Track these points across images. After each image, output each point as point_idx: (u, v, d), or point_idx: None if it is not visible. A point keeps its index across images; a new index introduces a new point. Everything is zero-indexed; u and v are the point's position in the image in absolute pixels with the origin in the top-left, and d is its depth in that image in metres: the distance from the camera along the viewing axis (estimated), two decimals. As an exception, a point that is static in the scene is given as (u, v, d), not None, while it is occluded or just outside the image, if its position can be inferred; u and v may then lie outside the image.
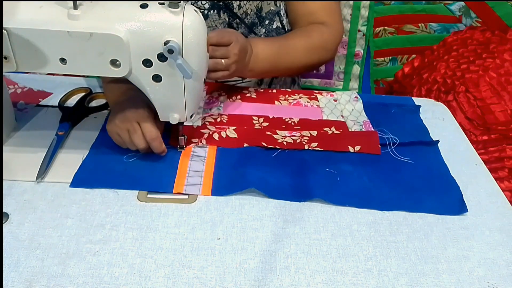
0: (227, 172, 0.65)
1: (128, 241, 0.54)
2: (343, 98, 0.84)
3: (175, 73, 0.58)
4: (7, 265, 0.51)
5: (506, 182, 1.11)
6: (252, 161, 0.66)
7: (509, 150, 1.12)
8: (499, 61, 1.20)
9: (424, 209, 0.61)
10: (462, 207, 0.62)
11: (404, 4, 1.43)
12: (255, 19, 0.90)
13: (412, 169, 0.68)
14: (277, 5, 0.90)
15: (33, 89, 0.81)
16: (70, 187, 0.61)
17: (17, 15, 0.54)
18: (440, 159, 0.71)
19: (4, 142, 0.67)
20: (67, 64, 0.56)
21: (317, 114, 0.80)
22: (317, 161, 0.68)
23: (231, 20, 0.90)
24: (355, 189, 0.63)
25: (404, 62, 1.50)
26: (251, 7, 0.89)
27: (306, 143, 0.71)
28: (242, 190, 0.62)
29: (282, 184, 0.63)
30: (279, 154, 0.69)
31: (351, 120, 0.78)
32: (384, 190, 0.64)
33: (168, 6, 0.55)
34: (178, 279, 0.51)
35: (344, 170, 0.66)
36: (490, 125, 1.14)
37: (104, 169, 0.63)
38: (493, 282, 0.53)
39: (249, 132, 0.72)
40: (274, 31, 0.92)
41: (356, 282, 0.52)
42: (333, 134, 0.74)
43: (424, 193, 0.64)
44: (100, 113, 0.76)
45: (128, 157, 0.66)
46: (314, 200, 0.61)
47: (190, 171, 0.64)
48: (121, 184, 0.61)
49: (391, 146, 0.72)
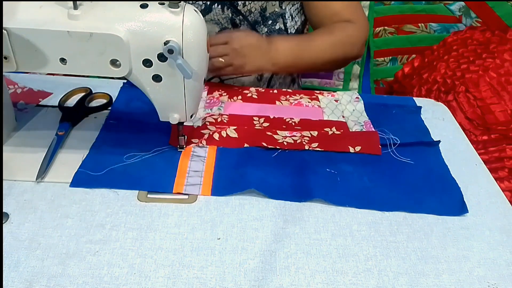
0: (227, 172, 0.65)
1: (128, 241, 0.54)
2: (344, 98, 0.84)
3: (175, 73, 0.58)
4: (7, 265, 0.51)
5: (506, 182, 1.11)
6: (252, 161, 0.66)
7: (509, 150, 1.12)
8: (499, 61, 1.20)
9: (424, 210, 0.61)
10: (462, 208, 0.62)
11: (404, 4, 1.43)
12: (259, 18, 0.90)
13: (412, 169, 0.68)
14: (282, 7, 0.90)
15: (33, 89, 0.81)
16: (70, 187, 0.61)
17: (17, 15, 0.54)
18: (440, 160, 0.70)
19: (4, 142, 0.67)
20: (67, 64, 0.56)
21: (318, 114, 0.80)
22: (317, 161, 0.68)
23: (234, 16, 0.90)
24: (356, 190, 0.63)
25: (404, 62, 1.51)
26: (256, 6, 0.89)
27: (306, 143, 0.71)
28: (242, 191, 0.62)
29: (282, 184, 0.63)
30: (279, 154, 0.69)
31: (352, 120, 0.78)
32: (384, 191, 0.64)
33: (168, 6, 0.55)
34: (178, 279, 0.51)
35: (345, 171, 0.66)
36: (490, 125, 1.14)
37: (104, 169, 0.63)
38: (493, 282, 0.53)
39: (250, 132, 0.72)
40: (276, 31, 0.92)
41: (356, 282, 0.52)
42: (333, 135, 0.74)
43: (424, 193, 0.64)
44: (100, 113, 0.76)
45: (128, 157, 0.66)
46: (314, 200, 0.61)
47: (190, 171, 0.64)
48: (121, 184, 0.61)
49: (392, 147, 0.71)
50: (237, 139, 0.71)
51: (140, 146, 0.67)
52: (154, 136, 0.69)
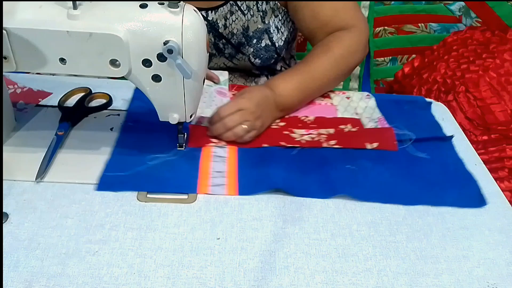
0: (250, 172, 0.65)
1: (128, 241, 0.54)
2: (356, 96, 0.84)
3: (175, 73, 0.58)
4: (7, 265, 0.51)
5: (506, 182, 1.11)
6: (274, 160, 0.67)
7: (509, 150, 1.12)
8: (499, 61, 1.20)
9: (445, 203, 0.62)
10: (481, 200, 0.63)
11: (404, 4, 1.43)
12: (242, 39, 0.88)
13: (429, 164, 0.69)
14: (265, 22, 0.87)
15: (32, 89, 0.81)
16: (97, 190, 0.60)
17: (17, 15, 0.54)
18: (455, 154, 0.72)
19: (4, 142, 0.67)
20: (66, 64, 0.56)
21: (332, 112, 0.80)
22: (336, 158, 0.69)
23: (217, 41, 0.88)
24: (378, 185, 0.64)
25: (404, 62, 1.50)
26: (237, 27, 0.87)
27: (324, 141, 0.71)
28: (268, 190, 0.62)
29: (306, 182, 0.64)
30: (298, 152, 0.69)
31: (366, 117, 0.79)
32: (405, 185, 0.65)
33: (168, 6, 0.55)
34: (178, 279, 0.51)
35: (364, 167, 0.67)
36: (490, 125, 1.14)
37: (129, 172, 0.63)
38: (492, 282, 0.53)
39: (267, 132, 0.73)
40: (263, 49, 0.89)
41: (356, 282, 0.52)
42: (350, 132, 0.75)
43: (443, 187, 0.65)
44: (100, 113, 0.76)
45: (150, 159, 0.65)
46: (314, 200, 0.61)
47: (213, 172, 0.65)
48: (146, 187, 0.61)
49: (407, 142, 0.72)
50: (255, 139, 0.71)
51: (160, 147, 0.68)
52: (173, 137, 0.68)
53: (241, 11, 0.86)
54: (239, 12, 0.86)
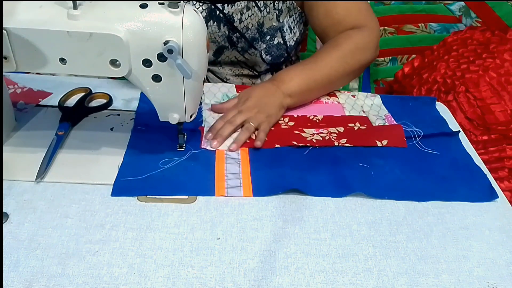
0: (264, 173, 0.65)
1: (128, 241, 0.54)
2: (361, 94, 0.85)
3: (175, 73, 0.58)
4: (7, 265, 0.51)
5: (506, 182, 1.11)
6: (287, 161, 0.67)
7: (509, 150, 1.12)
8: (499, 61, 1.19)
9: (458, 198, 0.63)
10: (492, 193, 0.64)
11: (404, 4, 1.43)
12: (256, 34, 0.89)
13: (439, 159, 0.70)
14: (280, 20, 0.89)
15: (32, 89, 0.81)
16: (112, 196, 0.60)
17: (17, 15, 0.54)
18: (462, 149, 0.73)
19: (4, 142, 0.67)
20: (66, 64, 0.56)
21: (339, 110, 0.81)
22: (348, 156, 0.69)
23: (230, 34, 0.89)
24: (391, 182, 0.65)
25: (404, 62, 1.50)
26: (253, 22, 0.88)
27: (335, 139, 0.72)
28: (284, 191, 0.62)
29: (321, 181, 0.64)
30: (310, 151, 0.70)
31: (373, 114, 0.79)
32: (417, 182, 0.65)
33: (168, 6, 0.55)
34: (178, 279, 0.51)
35: (376, 164, 0.68)
36: (490, 125, 1.14)
37: (143, 176, 0.63)
38: (492, 282, 0.53)
39: (277, 132, 0.73)
40: (275, 46, 0.91)
41: (356, 282, 0.52)
42: (359, 130, 0.75)
43: (455, 182, 0.66)
44: (100, 113, 0.76)
45: (164, 163, 0.65)
46: (314, 199, 0.61)
47: (228, 174, 0.65)
48: (162, 191, 0.61)
49: (416, 139, 0.73)
50: (267, 140, 0.71)
51: (173, 150, 0.68)
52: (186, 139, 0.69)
53: (257, 7, 0.87)
54: (255, 8, 0.87)
